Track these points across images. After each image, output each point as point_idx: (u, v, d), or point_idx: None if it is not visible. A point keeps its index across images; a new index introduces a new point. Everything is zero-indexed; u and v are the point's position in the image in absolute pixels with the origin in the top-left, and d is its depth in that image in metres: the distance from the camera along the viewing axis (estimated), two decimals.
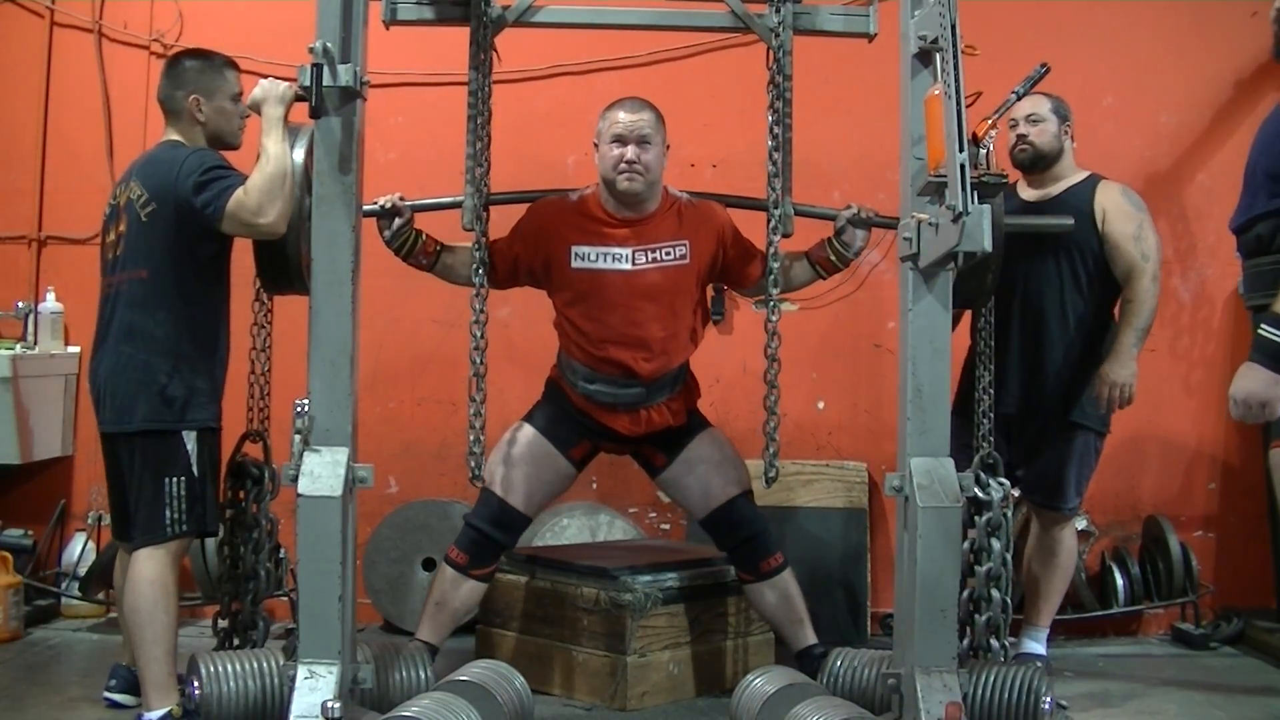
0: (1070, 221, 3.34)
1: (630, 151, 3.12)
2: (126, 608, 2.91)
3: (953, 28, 2.43)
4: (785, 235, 3.10)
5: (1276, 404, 2.62)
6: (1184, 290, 4.37)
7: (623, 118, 3.16)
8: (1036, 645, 3.62)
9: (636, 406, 3.24)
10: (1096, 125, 4.38)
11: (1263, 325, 2.66)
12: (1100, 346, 3.50)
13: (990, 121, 3.30)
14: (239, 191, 2.78)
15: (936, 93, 2.46)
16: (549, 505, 3.74)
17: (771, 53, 3.10)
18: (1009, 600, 3.07)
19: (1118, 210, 3.47)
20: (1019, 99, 3.48)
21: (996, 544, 3.05)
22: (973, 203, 2.33)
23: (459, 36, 3.15)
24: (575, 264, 3.19)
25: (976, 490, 3.03)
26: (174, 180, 2.86)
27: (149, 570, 2.86)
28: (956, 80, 2.37)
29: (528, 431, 3.29)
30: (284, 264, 2.96)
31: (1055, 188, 3.58)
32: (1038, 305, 3.52)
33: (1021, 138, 3.56)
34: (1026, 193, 3.64)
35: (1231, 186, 3.22)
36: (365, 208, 2.93)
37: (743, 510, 3.28)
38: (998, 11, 4.20)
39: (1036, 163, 3.58)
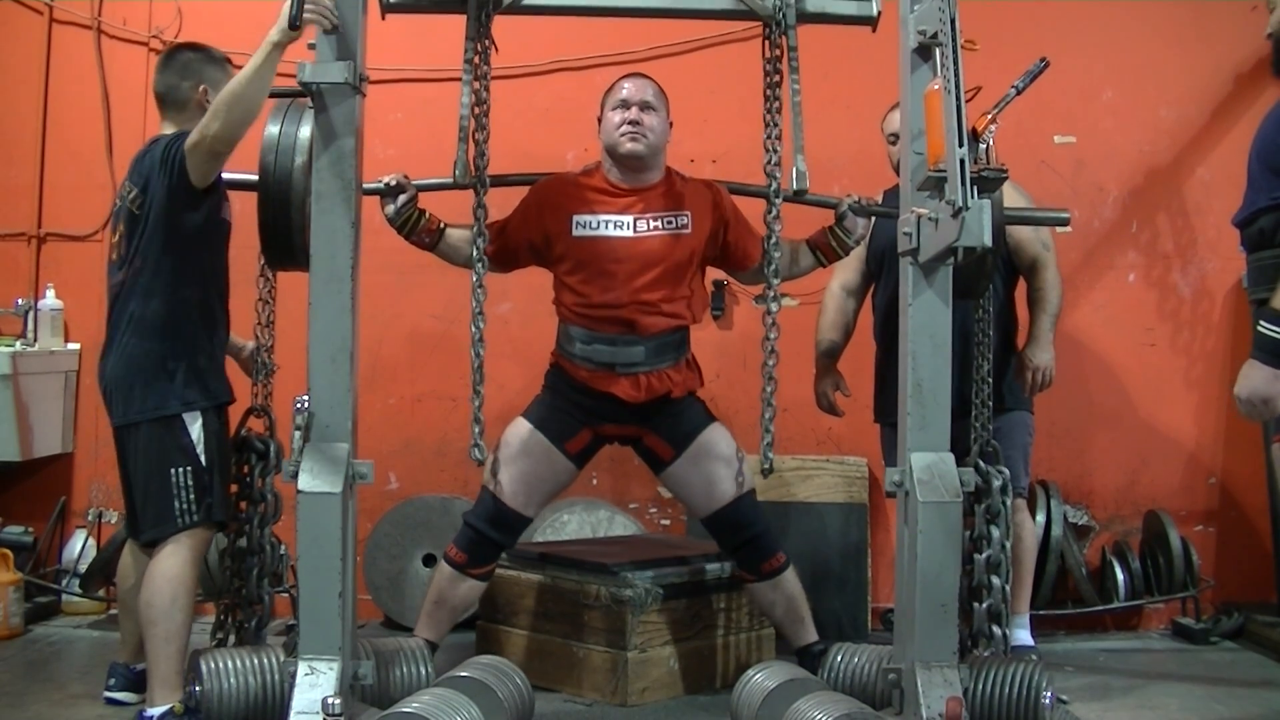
0: (1066, 214, 3.34)
1: (634, 113, 3.18)
2: (141, 601, 2.88)
3: (952, 22, 2.42)
4: (801, 190, 2.96)
5: (1278, 399, 2.62)
6: (1184, 285, 4.37)
7: (627, 85, 3.25)
8: (1024, 634, 3.63)
9: (636, 368, 3.19)
10: (1096, 120, 4.38)
11: (1261, 322, 2.66)
12: (1012, 333, 3.66)
13: (990, 116, 3.30)
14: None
15: (936, 88, 2.46)
16: (550, 502, 3.74)
17: (768, 42, 3.03)
18: (1008, 588, 3.09)
19: (1015, 206, 3.51)
20: (1019, 93, 3.48)
21: (996, 531, 3.07)
22: (972, 197, 2.33)
23: (458, 33, 3.14)
24: (576, 232, 3.20)
25: (977, 479, 3.04)
26: (156, 163, 2.88)
27: (170, 567, 2.86)
28: (956, 75, 2.36)
29: (524, 428, 3.27)
30: (287, 239, 2.87)
31: None
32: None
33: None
34: None
35: (1231, 181, 3.22)
36: (367, 185, 2.91)
37: (746, 511, 3.27)
38: (997, 6, 4.19)
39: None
